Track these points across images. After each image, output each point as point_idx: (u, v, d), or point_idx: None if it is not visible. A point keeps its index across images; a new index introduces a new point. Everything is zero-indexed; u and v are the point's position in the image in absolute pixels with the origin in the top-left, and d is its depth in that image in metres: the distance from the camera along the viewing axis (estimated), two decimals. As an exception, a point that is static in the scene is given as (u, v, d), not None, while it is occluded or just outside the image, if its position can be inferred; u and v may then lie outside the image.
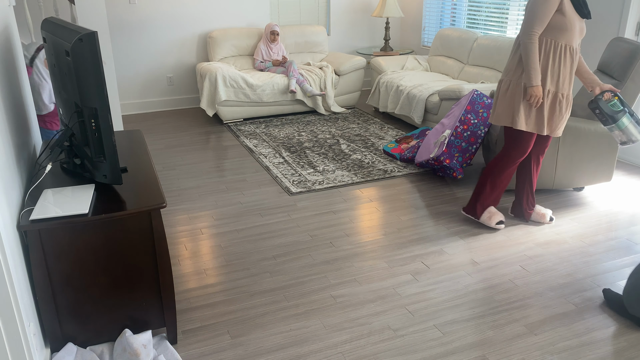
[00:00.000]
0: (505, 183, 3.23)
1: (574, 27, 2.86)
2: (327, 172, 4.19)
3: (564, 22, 2.84)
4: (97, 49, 1.90)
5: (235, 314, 2.51)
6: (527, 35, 2.88)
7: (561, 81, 2.94)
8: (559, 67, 2.91)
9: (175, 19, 5.85)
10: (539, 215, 3.35)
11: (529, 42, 2.87)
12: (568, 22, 2.84)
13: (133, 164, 2.45)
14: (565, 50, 2.89)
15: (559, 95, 2.95)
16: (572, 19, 2.85)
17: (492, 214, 3.30)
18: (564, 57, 2.90)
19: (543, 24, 2.85)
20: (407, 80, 5.29)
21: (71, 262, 2.01)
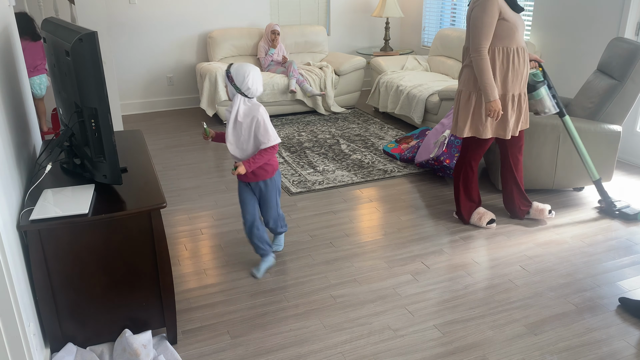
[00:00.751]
0: (474, 182, 3.29)
1: (517, 27, 2.90)
2: (327, 172, 4.19)
3: (509, 27, 2.88)
4: (97, 49, 1.90)
5: (235, 314, 2.51)
6: (477, 52, 2.89)
7: (519, 82, 2.99)
8: (515, 70, 2.95)
9: (175, 19, 5.85)
10: (538, 211, 3.34)
11: (480, 58, 2.89)
12: (512, 26, 2.88)
13: (133, 164, 2.45)
14: (517, 52, 2.93)
15: (509, 97, 2.99)
16: (514, 21, 2.88)
17: (481, 215, 3.32)
18: (517, 60, 2.94)
19: (489, 37, 2.88)
20: (407, 81, 5.29)
21: (71, 262, 2.01)
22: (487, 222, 3.31)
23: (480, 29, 2.87)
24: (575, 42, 4.57)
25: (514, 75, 2.95)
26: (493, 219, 3.32)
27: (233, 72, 2.54)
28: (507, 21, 2.86)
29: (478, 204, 3.36)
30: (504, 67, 2.94)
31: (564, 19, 4.63)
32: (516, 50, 2.92)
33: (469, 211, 3.34)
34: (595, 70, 3.77)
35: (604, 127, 3.51)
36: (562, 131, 3.48)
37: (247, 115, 2.58)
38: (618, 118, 3.53)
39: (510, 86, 2.97)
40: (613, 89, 3.45)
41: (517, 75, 2.96)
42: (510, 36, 2.89)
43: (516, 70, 2.95)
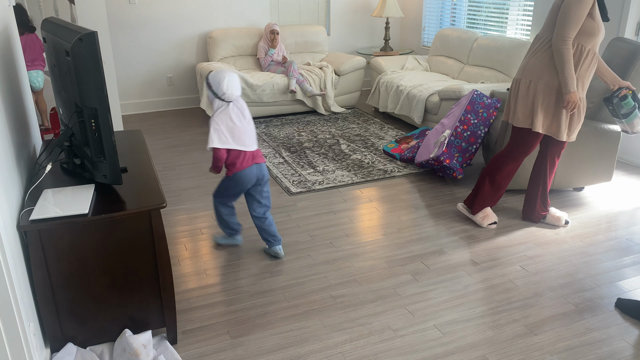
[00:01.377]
0: (504, 182, 3.22)
1: (601, 31, 2.82)
2: (327, 172, 4.19)
3: (593, 27, 2.79)
4: (97, 49, 1.90)
5: (235, 314, 2.51)
6: (562, 41, 2.79)
7: (583, 86, 2.91)
8: (584, 72, 2.87)
9: (175, 19, 5.85)
10: (554, 218, 3.30)
11: (564, 47, 2.79)
12: (597, 27, 2.80)
13: (133, 164, 2.45)
14: (589, 55, 2.85)
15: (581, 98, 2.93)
16: (600, 24, 2.81)
17: (486, 215, 3.31)
18: (588, 62, 2.86)
19: (577, 28, 2.78)
20: (407, 80, 5.29)
21: (71, 262, 2.01)
22: (489, 223, 3.31)
23: (571, 18, 2.76)
24: (575, 42, 4.56)
25: (588, 79, 2.89)
26: (495, 222, 3.32)
27: (210, 78, 2.71)
28: (593, 21, 2.78)
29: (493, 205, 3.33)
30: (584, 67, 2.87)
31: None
32: (588, 53, 2.84)
33: (482, 204, 3.28)
34: (595, 70, 3.77)
35: (604, 127, 3.51)
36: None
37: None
38: (618, 118, 3.53)
39: (584, 88, 2.91)
40: (613, 89, 3.45)
41: (581, 77, 2.87)
42: (591, 37, 2.80)
43: (582, 72, 2.87)
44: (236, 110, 2.72)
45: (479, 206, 3.31)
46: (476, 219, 3.33)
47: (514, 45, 4.87)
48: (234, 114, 2.71)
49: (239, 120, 2.72)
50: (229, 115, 2.70)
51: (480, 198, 3.29)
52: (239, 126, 2.72)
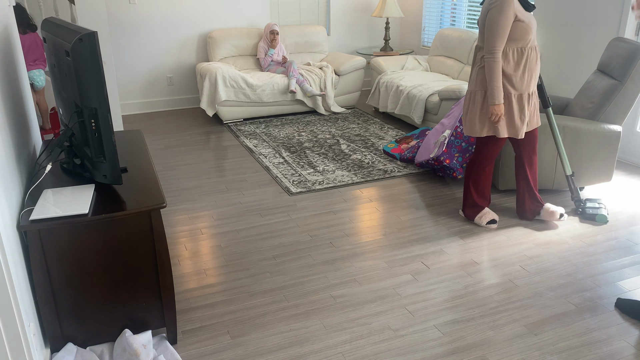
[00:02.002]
0: (485, 181, 3.30)
1: (531, 27, 2.91)
2: (327, 172, 4.19)
3: (523, 28, 2.88)
4: (97, 49, 1.90)
5: (235, 314, 2.51)
6: (490, 54, 2.90)
7: (533, 81, 3.01)
8: (530, 70, 2.97)
9: (175, 19, 5.85)
10: (548, 213, 3.32)
11: (492, 60, 2.90)
12: (527, 26, 2.88)
13: (133, 164, 2.45)
14: (530, 52, 2.95)
15: (525, 96, 3.01)
16: (528, 21, 2.89)
17: (483, 214, 3.33)
18: (530, 59, 2.96)
19: (504, 39, 2.87)
20: (407, 81, 5.29)
21: (71, 262, 2.01)
22: (487, 222, 3.32)
23: (495, 31, 2.85)
24: (575, 42, 4.57)
25: (529, 75, 2.98)
26: (495, 220, 3.32)
27: None
28: (522, 22, 2.86)
29: (487, 205, 3.37)
30: (520, 68, 2.94)
31: (564, 19, 4.63)
32: (529, 51, 2.93)
33: (475, 211, 3.35)
34: (595, 70, 3.77)
35: (604, 127, 3.52)
36: (561, 131, 3.48)
37: None
38: (618, 118, 3.53)
39: (525, 86, 2.99)
40: (613, 89, 3.45)
41: (531, 74, 2.98)
42: (525, 37, 2.89)
43: (531, 69, 2.97)
44: None
45: (472, 211, 3.36)
46: (475, 221, 3.35)
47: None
48: None
49: None
50: None
51: (470, 203, 3.35)
52: None
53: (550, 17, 4.78)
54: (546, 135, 3.49)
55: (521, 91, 2.99)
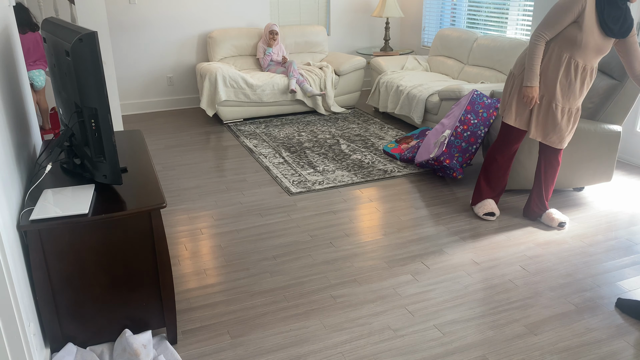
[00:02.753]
0: (496, 172, 3.31)
1: (587, 44, 2.80)
2: (327, 172, 4.19)
3: (577, 37, 2.78)
4: (97, 49, 1.90)
5: (235, 314, 2.51)
6: (535, 36, 2.90)
7: (567, 96, 2.94)
8: (568, 83, 2.90)
9: (175, 19, 5.85)
10: (548, 218, 3.31)
11: (534, 42, 2.89)
12: (582, 39, 2.78)
13: (133, 164, 2.45)
14: (570, 64, 2.86)
15: (554, 105, 2.97)
16: (588, 37, 2.77)
17: (484, 204, 3.39)
18: (567, 71, 2.88)
19: (553, 29, 2.84)
20: (407, 81, 5.29)
21: (71, 262, 2.01)
22: (485, 213, 3.37)
23: (549, 17, 2.85)
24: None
25: (563, 86, 2.92)
26: (493, 213, 3.36)
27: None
28: (580, 31, 2.77)
29: (492, 197, 3.40)
30: (547, 67, 2.92)
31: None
32: (569, 61, 2.86)
33: (477, 198, 3.42)
34: (595, 70, 3.77)
35: (604, 127, 3.51)
36: (562, 131, 3.48)
37: None
38: (618, 118, 3.53)
39: (555, 94, 2.94)
40: (613, 89, 3.45)
41: (567, 89, 2.91)
42: (572, 46, 2.82)
43: (568, 84, 2.90)
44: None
45: (475, 198, 3.42)
46: (474, 210, 3.40)
47: (513, 46, 4.87)
48: None
49: None
50: None
51: (477, 189, 3.42)
52: None
53: (550, 17, 4.77)
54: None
55: (544, 92, 2.97)
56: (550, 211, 3.32)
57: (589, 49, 2.82)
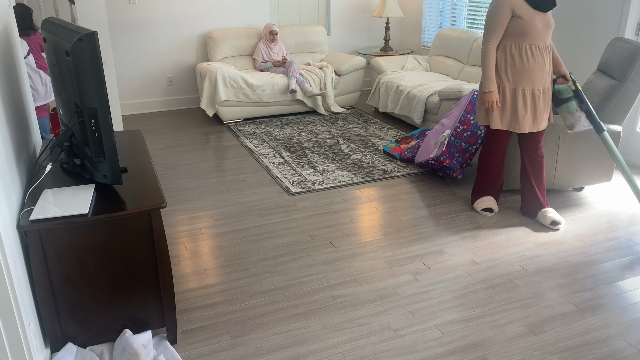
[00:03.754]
0: (488, 174, 3.40)
1: (534, 27, 3.00)
2: (327, 172, 4.19)
3: (523, 25, 3.00)
4: (97, 49, 1.90)
5: (235, 314, 2.51)
6: (484, 45, 3.13)
7: (530, 78, 3.07)
8: (527, 66, 3.05)
9: (175, 19, 5.85)
10: (542, 217, 3.33)
11: (485, 50, 3.12)
12: (527, 25, 2.99)
13: (133, 164, 2.45)
14: (530, 49, 3.03)
15: (520, 91, 3.09)
16: (532, 20, 2.99)
17: (482, 201, 3.46)
18: (529, 56, 3.04)
19: (496, 33, 3.07)
20: (407, 81, 5.29)
21: (71, 262, 2.01)
22: (483, 209, 3.45)
23: (489, 25, 3.09)
24: (575, 42, 4.57)
25: (524, 71, 3.06)
26: (491, 209, 3.43)
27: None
28: (521, 19, 2.99)
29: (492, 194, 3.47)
30: (515, 63, 3.06)
31: (564, 19, 4.63)
32: (529, 47, 3.03)
33: (476, 197, 3.51)
34: (595, 70, 3.77)
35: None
36: (561, 131, 3.48)
37: None
38: (618, 118, 3.53)
39: (519, 81, 3.08)
40: (613, 89, 3.45)
41: (528, 71, 3.06)
42: (524, 33, 3.01)
43: (529, 66, 3.05)
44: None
45: (474, 197, 3.52)
46: (474, 206, 3.51)
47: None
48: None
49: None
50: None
51: (475, 187, 3.52)
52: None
53: (550, 17, 4.78)
54: (546, 134, 3.48)
55: (515, 85, 3.09)
56: (546, 209, 3.33)
57: (539, 29, 3.01)
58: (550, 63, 3.12)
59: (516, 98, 3.10)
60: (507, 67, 3.08)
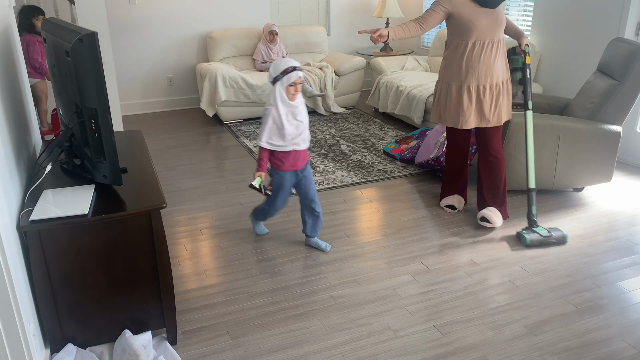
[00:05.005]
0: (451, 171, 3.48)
1: (479, 24, 2.99)
2: (327, 172, 4.19)
3: (466, 23, 3.01)
4: (97, 49, 1.90)
5: (235, 314, 2.51)
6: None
7: (475, 75, 3.08)
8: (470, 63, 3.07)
9: (175, 19, 5.85)
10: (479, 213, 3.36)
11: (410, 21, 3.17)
12: (471, 22, 3.00)
13: (133, 164, 2.45)
14: (473, 46, 3.04)
15: (465, 87, 3.11)
16: (476, 17, 2.98)
17: (448, 198, 3.53)
18: (471, 53, 3.06)
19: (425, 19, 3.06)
20: (407, 81, 5.28)
21: (71, 263, 2.01)
22: (446, 205, 3.53)
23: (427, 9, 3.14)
24: (575, 42, 4.57)
25: (468, 67, 3.08)
26: (454, 206, 3.50)
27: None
28: (461, 18, 3.00)
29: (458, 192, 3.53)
30: (460, 60, 3.09)
31: (564, 19, 4.63)
32: (473, 45, 3.04)
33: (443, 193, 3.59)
34: (595, 70, 3.77)
35: (604, 127, 3.52)
36: (561, 132, 3.48)
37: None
38: (618, 118, 3.53)
39: (465, 78, 3.10)
40: (613, 89, 3.45)
41: (473, 68, 3.07)
42: (468, 30, 3.02)
43: (472, 63, 3.07)
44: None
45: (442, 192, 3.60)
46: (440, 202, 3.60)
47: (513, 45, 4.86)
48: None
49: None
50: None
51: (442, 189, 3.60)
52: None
53: (550, 17, 4.78)
54: (546, 134, 3.48)
55: (461, 82, 3.11)
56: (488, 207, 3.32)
57: (483, 25, 3.00)
58: (501, 58, 3.10)
59: (462, 94, 3.12)
60: (454, 64, 3.11)
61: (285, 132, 2.72)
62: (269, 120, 2.72)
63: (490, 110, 3.14)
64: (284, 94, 2.70)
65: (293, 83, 2.68)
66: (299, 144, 2.79)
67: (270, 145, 2.76)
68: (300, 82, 2.70)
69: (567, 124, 3.49)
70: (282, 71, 2.66)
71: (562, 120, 3.50)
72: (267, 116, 2.73)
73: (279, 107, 2.70)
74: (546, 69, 4.88)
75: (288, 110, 2.72)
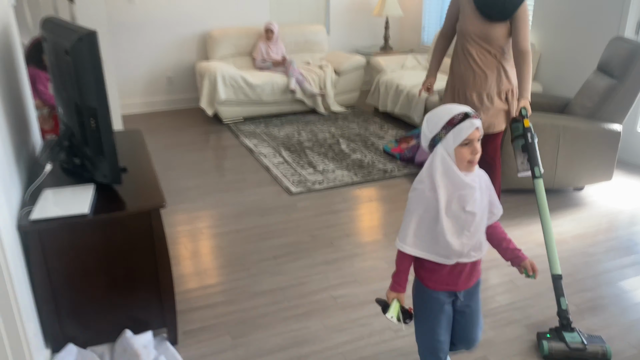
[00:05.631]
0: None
1: (466, 28, 2.98)
2: (327, 171, 4.19)
3: (460, 24, 3.03)
4: (97, 48, 1.90)
5: (236, 314, 2.51)
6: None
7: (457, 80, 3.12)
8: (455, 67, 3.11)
9: (175, 18, 5.85)
10: None
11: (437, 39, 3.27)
12: (463, 24, 2.99)
13: (133, 164, 2.44)
14: (460, 51, 3.06)
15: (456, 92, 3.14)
16: (469, 20, 2.95)
17: None
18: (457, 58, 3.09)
19: (445, 22, 3.16)
20: (407, 80, 5.28)
21: (71, 263, 2.00)
22: None
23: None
24: (576, 41, 4.57)
25: (455, 72, 3.12)
26: None
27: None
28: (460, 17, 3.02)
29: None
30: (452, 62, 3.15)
31: (564, 19, 4.63)
32: (461, 49, 3.05)
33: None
34: (595, 69, 3.77)
35: (604, 126, 3.51)
36: (561, 131, 3.48)
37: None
38: (618, 117, 3.53)
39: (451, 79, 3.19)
40: (613, 88, 3.45)
41: (459, 73, 3.09)
42: (459, 32, 3.04)
43: (458, 69, 3.10)
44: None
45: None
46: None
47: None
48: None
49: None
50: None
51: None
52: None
53: (550, 17, 4.77)
54: (546, 134, 3.47)
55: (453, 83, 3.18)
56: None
57: (470, 31, 2.96)
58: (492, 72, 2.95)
59: (454, 99, 3.15)
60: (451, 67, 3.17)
61: (444, 232, 1.65)
62: (418, 209, 1.71)
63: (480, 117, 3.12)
64: (451, 161, 1.61)
65: (468, 140, 1.58)
66: (469, 255, 1.74)
67: (418, 252, 1.75)
68: (479, 137, 1.60)
69: (567, 123, 3.49)
70: (445, 123, 1.59)
71: (562, 120, 3.50)
72: (415, 201, 1.72)
73: (438, 186, 1.62)
74: (546, 68, 4.88)
75: (454, 192, 1.62)
